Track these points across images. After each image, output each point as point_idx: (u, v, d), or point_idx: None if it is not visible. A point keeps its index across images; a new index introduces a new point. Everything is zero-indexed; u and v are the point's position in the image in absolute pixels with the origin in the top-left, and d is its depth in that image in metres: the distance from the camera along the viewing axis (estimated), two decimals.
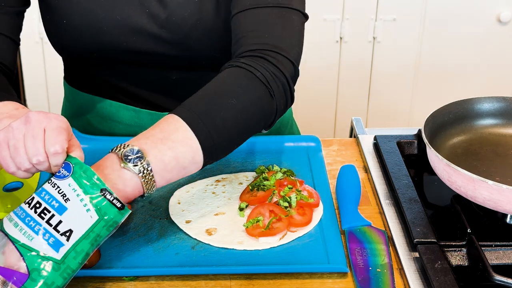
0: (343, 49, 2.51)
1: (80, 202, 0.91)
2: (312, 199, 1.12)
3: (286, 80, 1.08)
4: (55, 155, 0.92)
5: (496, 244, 1.04)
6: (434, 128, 1.18)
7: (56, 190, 0.92)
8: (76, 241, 0.90)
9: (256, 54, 1.08)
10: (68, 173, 0.92)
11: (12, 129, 0.93)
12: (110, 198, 0.92)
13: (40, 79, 2.52)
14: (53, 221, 0.90)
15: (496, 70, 2.61)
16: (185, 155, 0.98)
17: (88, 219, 0.91)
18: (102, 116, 1.35)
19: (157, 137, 0.98)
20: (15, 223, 0.91)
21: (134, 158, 0.94)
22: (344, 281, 1.00)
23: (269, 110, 1.07)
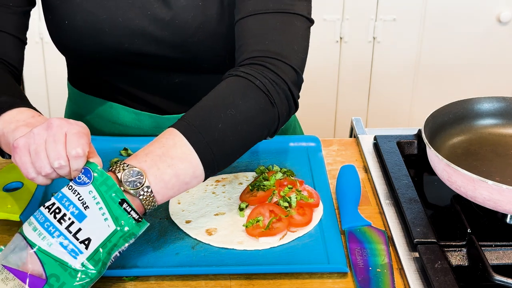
0: (343, 49, 2.51)
1: (99, 210, 0.92)
2: (312, 199, 1.12)
3: (288, 87, 1.07)
4: (76, 158, 0.92)
5: (496, 244, 1.04)
6: (434, 128, 1.18)
7: (76, 197, 0.92)
8: (94, 249, 0.91)
9: (256, 62, 1.07)
10: (89, 180, 0.93)
11: (34, 134, 0.93)
12: (128, 209, 0.93)
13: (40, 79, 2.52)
14: (72, 228, 0.91)
15: (496, 70, 2.61)
16: (186, 171, 0.98)
17: (106, 229, 0.92)
18: (103, 117, 1.35)
19: (156, 153, 0.97)
20: (34, 227, 0.91)
21: (134, 181, 0.94)
22: (344, 281, 1.00)
23: (270, 119, 1.06)
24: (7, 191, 1.14)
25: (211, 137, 0.99)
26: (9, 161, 1.25)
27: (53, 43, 1.30)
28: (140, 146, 1.28)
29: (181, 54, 1.23)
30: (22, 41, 1.21)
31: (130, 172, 0.94)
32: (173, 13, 1.19)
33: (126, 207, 0.93)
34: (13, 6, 1.18)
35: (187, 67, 1.26)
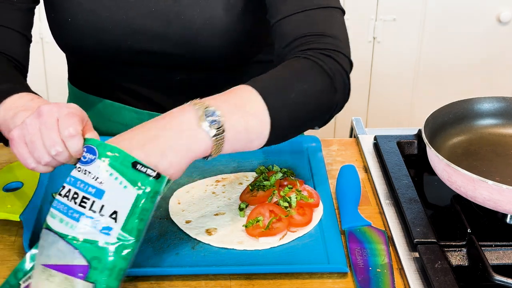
0: None
1: (115, 181, 0.90)
2: (312, 199, 1.12)
3: (347, 77, 1.09)
4: (70, 137, 0.91)
5: (496, 244, 1.04)
6: (434, 128, 1.18)
7: (89, 176, 0.90)
8: (124, 220, 0.90)
9: (320, 52, 1.08)
10: (94, 156, 0.91)
11: (26, 125, 0.93)
12: (144, 170, 0.90)
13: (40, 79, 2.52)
14: (95, 207, 0.89)
15: (496, 70, 2.61)
16: (255, 129, 0.98)
17: (129, 196, 0.90)
18: (103, 116, 1.35)
19: (233, 103, 0.97)
20: (60, 219, 0.90)
21: (212, 121, 0.93)
22: (344, 281, 1.00)
23: (331, 104, 1.07)
24: (7, 191, 1.14)
25: (285, 104, 0.99)
26: (9, 161, 1.25)
27: (55, 42, 1.30)
28: None
29: (186, 51, 1.22)
30: (27, 38, 1.21)
31: (211, 112, 0.93)
32: (178, 9, 1.19)
33: (140, 168, 0.90)
34: (18, 2, 1.18)
35: (191, 64, 1.26)
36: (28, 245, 1.01)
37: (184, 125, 0.93)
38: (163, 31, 1.21)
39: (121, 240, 0.90)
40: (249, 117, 0.97)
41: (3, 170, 1.19)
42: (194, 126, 0.93)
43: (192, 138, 0.92)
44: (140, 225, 0.91)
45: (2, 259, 1.04)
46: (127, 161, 0.90)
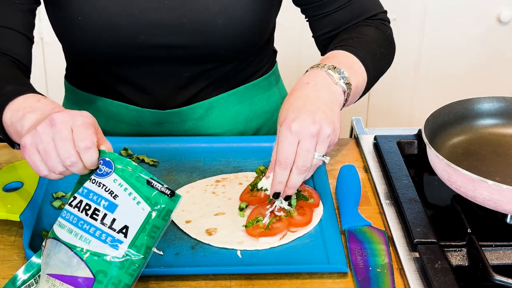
0: None
1: (128, 196, 0.90)
2: (312, 199, 1.12)
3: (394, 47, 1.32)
4: (86, 150, 0.91)
5: (496, 244, 1.04)
6: (434, 128, 1.18)
7: (103, 189, 0.91)
8: (134, 236, 0.90)
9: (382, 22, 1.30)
10: (110, 169, 0.91)
11: (39, 133, 0.92)
12: (159, 187, 0.91)
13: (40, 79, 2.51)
14: (106, 220, 0.90)
15: (496, 70, 2.61)
16: (361, 86, 1.18)
17: (141, 212, 0.90)
18: (104, 115, 1.35)
19: (347, 65, 1.14)
20: (69, 229, 0.91)
21: (343, 77, 1.11)
22: (344, 281, 1.00)
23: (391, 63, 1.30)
24: (7, 191, 1.14)
25: (373, 65, 1.20)
26: (9, 161, 1.25)
27: (61, 42, 1.29)
28: (140, 146, 1.28)
29: (201, 41, 1.22)
30: (29, 39, 1.21)
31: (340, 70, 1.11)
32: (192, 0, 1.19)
33: (155, 185, 0.91)
34: (19, 3, 1.18)
35: (203, 58, 1.26)
36: (28, 245, 1.01)
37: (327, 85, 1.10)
38: (178, 23, 1.20)
39: (129, 255, 0.90)
40: (359, 76, 1.16)
41: (3, 170, 1.19)
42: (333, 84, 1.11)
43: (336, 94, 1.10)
44: (150, 243, 0.91)
45: (2, 259, 1.04)
46: (142, 178, 0.91)
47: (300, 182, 1.05)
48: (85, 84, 1.36)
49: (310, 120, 1.03)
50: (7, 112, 1.02)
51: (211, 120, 1.34)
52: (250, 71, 1.36)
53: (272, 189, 1.07)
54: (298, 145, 1.03)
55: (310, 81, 1.10)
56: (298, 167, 1.04)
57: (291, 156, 1.03)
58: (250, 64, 1.34)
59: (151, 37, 1.21)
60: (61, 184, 1.16)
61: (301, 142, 1.03)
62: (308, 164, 1.04)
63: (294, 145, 1.03)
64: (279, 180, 1.05)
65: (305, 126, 1.03)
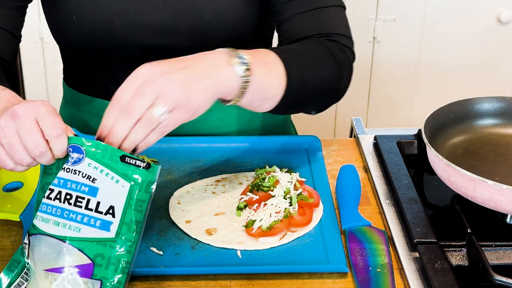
0: None
1: (106, 177, 0.91)
2: (312, 199, 1.12)
3: (351, 70, 1.17)
4: (57, 137, 0.90)
5: (496, 244, 1.04)
6: (434, 128, 1.18)
7: (79, 175, 0.91)
8: (121, 214, 0.90)
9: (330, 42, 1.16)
10: (81, 154, 0.91)
11: (1, 127, 0.91)
12: (133, 162, 0.91)
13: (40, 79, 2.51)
14: (91, 205, 0.90)
15: (496, 70, 2.61)
16: (274, 88, 1.03)
17: (122, 189, 0.91)
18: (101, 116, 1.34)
19: (260, 58, 1.02)
20: (55, 222, 0.91)
21: (243, 62, 0.98)
22: (344, 281, 1.00)
23: (336, 89, 1.15)
24: (7, 191, 1.14)
25: (300, 76, 1.06)
26: None
27: (56, 41, 1.29)
28: None
29: (196, 43, 1.22)
30: (15, 36, 1.20)
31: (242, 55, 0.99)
32: (187, 2, 1.19)
33: (129, 161, 0.91)
34: (8, 1, 1.18)
35: None
36: None
37: (217, 61, 0.97)
38: (173, 24, 1.21)
39: (122, 233, 0.90)
40: (272, 74, 1.03)
41: (3, 170, 1.19)
42: (225, 64, 0.97)
43: (222, 74, 0.97)
44: (138, 217, 0.92)
45: (2, 259, 1.04)
46: (115, 156, 0.91)
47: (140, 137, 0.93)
48: (82, 85, 1.36)
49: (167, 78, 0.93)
50: None
51: (211, 123, 1.34)
52: None
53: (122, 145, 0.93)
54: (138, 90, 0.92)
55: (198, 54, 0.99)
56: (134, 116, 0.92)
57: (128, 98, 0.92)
58: None
59: (146, 38, 1.22)
60: None
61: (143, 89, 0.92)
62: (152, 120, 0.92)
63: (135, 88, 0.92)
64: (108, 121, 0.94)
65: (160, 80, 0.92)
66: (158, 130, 0.93)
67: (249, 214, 1.10)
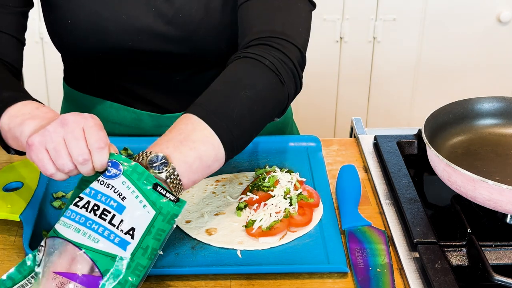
0: (343, 49, 2.51)
1: (135, 199, 0.92)
2: (312, 199, 1.12)
3: (294, 66, 1.09)
4: (99, 150, 0.92)
5: (496, 244, 1.04)
6: (434, 128, 1.18)
7: (111, 190, 0.92)
8: (140, 238, 0.91)
9: (262, 42, 1.09)
10: (119, 171, 0.93)
11: (49, 132, 0.93)
12: (163, 192, 0.93)
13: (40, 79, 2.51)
14: (115, 221, 0.91)
15: (496, 70, 2.61)
16: (208, 154, 0.98)
17: (146, 215, 0.92)
18: (102, 117, 1.35)
19: (177, 139, 0.98)
20: (76, 229, 0.91)
21: (159, 165, 0.94)
22: (344, 281, 1.00)
23: (281, 97, 1.08)
24: (7, 191, 1.14)
25: (230, 119, 1.00)
26: (9, 161, 1.25)
27: (53, 44, 1.30)
28: (140, 146, 1.28)
29: (186, 48, 1.23)
30: (20, 42, 1.20)
31: (155, 157, 0.95)
32: (176, 8, 1.20)
33: (160, 190, 0.92)
34: (12, 6, 1.18)
35: (192, 62, 1.26)
36: (28, 245, 1.01)
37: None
38: (164, 29, 1.21)
39: (136, 257, 0.91)
40: (197, 145, 0.97)
41: (3, 170, 1.19)
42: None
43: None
44: (155, 245, 0.92)
45: (2, 259, 1.04)
46: (149, 182, 0.92)
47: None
48: (82, 86, 1.36)
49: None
50: (5, 118, 1.02)
51: None
52: None
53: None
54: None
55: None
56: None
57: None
58: None
59: (139, 43, 1.22)
60: (61, 184, 1.17)
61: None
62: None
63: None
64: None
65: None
66: None
67: (249, 214, 1.10)
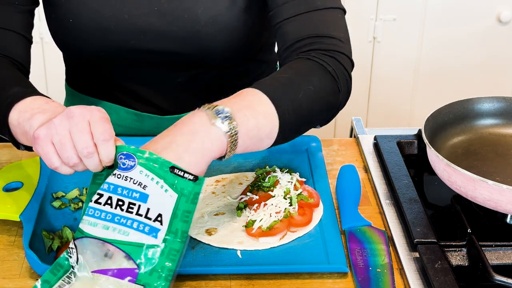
0: None
1: (156, 185, 0.92)
2: (312, 199, 1.12)
3: (349, 77, 1.13)
4: (104, 142, 0.92)
5: (496, 244, 1.04)
6: (434, 128, 1.18)
7: (131, 182, 0.92)
8: (168, 222, 0.91)
9: (322, 53, 1.11)
10: (133, 162, 0.92)
11: (55, 125, 0.92)
12: (181, 173, 0.92)
13: (40, 79, 2.52)
14: (141, 211, 0.91)
15: (496, 70, 2.61)
16: (265, 128, 1.00)
17: (169, 199, 0.92)
18: None
19: (243, 104, 0.99)
20: (104, 226, 0.91)
21: (223, 117, 0.95)
22: (344, 281, 1.00)
23: (335, 103, 1.11)
24: (7, 191, 1.14)
25: (292, 105, 1.03)
26: (9, 161, 1.25)
27: (55, 43, 1.30)
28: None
29: (190, 49, 1.23)
30: (28, 40, 1.21)
31: (221, 109, 0.96)
32: (182, 8, 1.19)
33: (178, 172, 0.92)
34: (19, 4, 1.18)
35: (194, 63, 1.26)
36: (28, 245, 1.01)
37: (197, 126, 0.95)
38: (167, 29, 1.21)
39: (168, 242, 0.91)
40: (259, 116, 0.99)
41: (3, 170, 1.19)
42: (207, 126, 0.95)
43: (206, 138, 0.95)
44: (184, 227, 0.92)
45: (2, 259, 1.04)
46: (166, 166, 0.92)
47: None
48: (83, 86, 1.36)
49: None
50: (14, 113, 1.02)
51: None
52: (249, 79, 1.35)
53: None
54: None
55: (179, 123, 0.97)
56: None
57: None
58: (248, 72, 1.34)
59: (141, 42, 1.22)
60: (61, 184, 1.17)
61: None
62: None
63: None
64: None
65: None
66: None
67: (249, 214, 1.10)
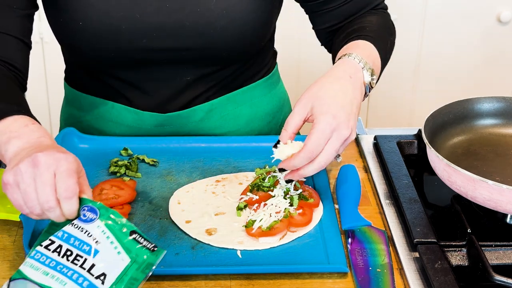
0: None
1: (110, 245, 0.90)
2: (312, 199, 1.12)
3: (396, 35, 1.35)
4: (67, 200, 0.90)
5: (496, 244, 1.04)
6: (434, 128, 1.18)
7: (85, 234, 0.90)
8: (111, 285, 0.89)
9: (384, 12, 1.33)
10: (95, 215, 0.91)
11: (21, 172, 0.91)
12: (140, 240, 0.91)
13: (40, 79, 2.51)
14: (86, 265, 0.89)
15: (496, 70, 2.61)
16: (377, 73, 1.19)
17: (120, 263, 0.90)
18: (104, 117, 1.34)
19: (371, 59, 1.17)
20: (45, 272, 0.89)
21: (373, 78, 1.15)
22: (344, 281, 1.00)
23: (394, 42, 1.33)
24: None
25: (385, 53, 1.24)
26: None
27: (61, 45, 1.29)
28: (140, 146, 1.29)
29: (204, 43, 1.22)
30: (26, 45, 1.19)
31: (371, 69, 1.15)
32: (193, 2, 1.19)
33: (137, 238, 0.91)
34: (18, 8, 1.17)
35: (206, 58, 1.26)
36: (28, 245, 1.01)
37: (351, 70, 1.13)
38: (179, 25, 1.20)
39: None
40: (376, 64, 1.19)
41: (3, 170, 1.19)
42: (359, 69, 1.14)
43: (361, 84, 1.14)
44: None
45: (2, 259, 1.04)
46: (127, 229, 0.91)
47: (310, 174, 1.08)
48: (84, 86, 1.36)
49: (346, 124, 1.06)
50: None
51: (212, 123, 1.34)
52: (251, 73, 1.35)
53: (289, 175, 1.10)
54: (328, 141, 1.06)
55: (352, 76, 1.13)
56: (320, 162, 1.06)
57: (320, 149, 1.05)
58: (251, 66, 1.34)
59: (153, 40, 1.21)
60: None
61: (332, 140, 1.06)
62: (329, 162, 1.07)
63: (327, 140, 1.06)
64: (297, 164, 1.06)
65: (343, 128, 1.06)
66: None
67: (249, 214, 1.10)
